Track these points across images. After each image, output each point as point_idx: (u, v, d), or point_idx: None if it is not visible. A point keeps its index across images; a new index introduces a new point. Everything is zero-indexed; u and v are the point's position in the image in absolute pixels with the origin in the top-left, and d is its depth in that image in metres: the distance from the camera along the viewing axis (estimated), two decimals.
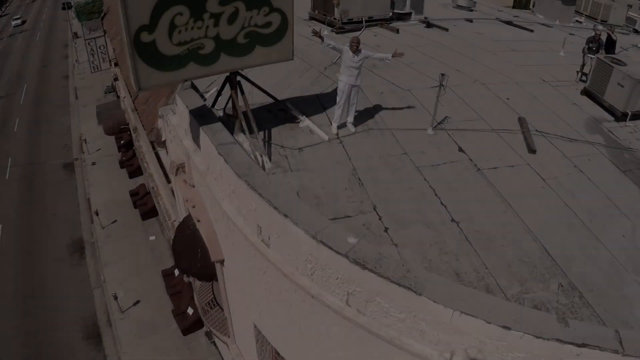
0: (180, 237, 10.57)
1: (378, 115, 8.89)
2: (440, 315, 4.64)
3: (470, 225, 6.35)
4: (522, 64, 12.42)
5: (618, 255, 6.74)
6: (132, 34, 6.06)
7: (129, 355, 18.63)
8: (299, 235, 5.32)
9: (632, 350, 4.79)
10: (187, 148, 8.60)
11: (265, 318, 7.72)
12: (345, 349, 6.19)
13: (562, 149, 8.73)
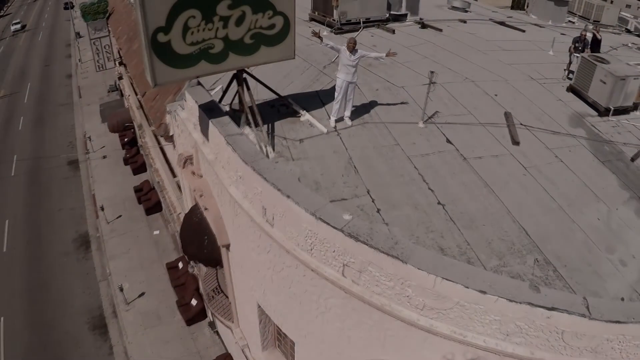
0: (188, 226, 11.25)
1: (373, 110, 9.59)
2: (424, 282, 5.33)
3: (454, 208, 7.04)
4: (511, 63, 13.11)
5: (592, 235, 7.43)
6: (149, 34, 6.72)
7: (135, 345, 19.34)
8: (300, 213, 6.01)
9: (598, 315, 5.47)
10: (196, 140, 9.29)
11: (269, 296, 8.40)
12: (341, 320, 6.88)
13: (545, 141, 9.42)
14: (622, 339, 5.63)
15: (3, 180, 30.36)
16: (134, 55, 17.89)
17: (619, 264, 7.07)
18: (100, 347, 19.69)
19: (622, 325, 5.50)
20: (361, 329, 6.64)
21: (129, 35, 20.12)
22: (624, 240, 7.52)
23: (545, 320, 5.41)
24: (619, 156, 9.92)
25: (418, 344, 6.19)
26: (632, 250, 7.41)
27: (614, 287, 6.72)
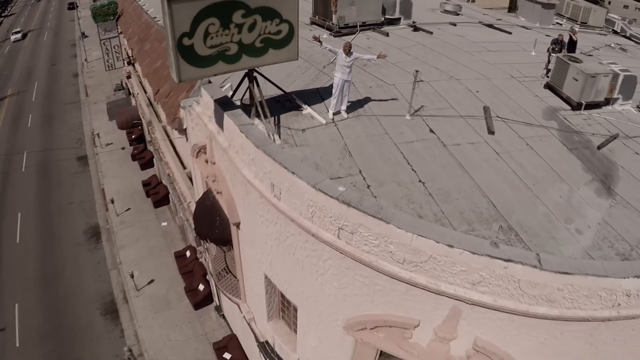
0: (201, 209, 12.62)
1: (366, 105, 10.96)
2: (403, 238, 6.68)
3: (433, 185, 8.40)
4: (495, 63, 14.48)
5: (553, 209, 8.76)
6: (176, 38, 8.07)
7: (145, 329, 20.74)
8: (303, 186, 7.37)
9: (548, 267, 6.81)
10: (210, 131, 10.65)
11: (275, 265, 9.76)
12: (337, 279, 8.23)
13: (518, 131, 10.78)
14: (570, 289, 6.95)
15: (14, 175, 31.79)
16: (146, 56, 19.25)
17: (575, 232, 8.41)
18: (112, 330, 21.06)
19: (569, 276, 6.81)
20: (354, 286, 8.00)
21: (139, 36, 21.49)
22: (582, 214, 8.86)
23: (503, 270, 6.74)
24: (586, 145, 11.26)
25: (401, 296, 7.55)
26: (588, 222, 8.75)
27: (568, 250, 8.05)
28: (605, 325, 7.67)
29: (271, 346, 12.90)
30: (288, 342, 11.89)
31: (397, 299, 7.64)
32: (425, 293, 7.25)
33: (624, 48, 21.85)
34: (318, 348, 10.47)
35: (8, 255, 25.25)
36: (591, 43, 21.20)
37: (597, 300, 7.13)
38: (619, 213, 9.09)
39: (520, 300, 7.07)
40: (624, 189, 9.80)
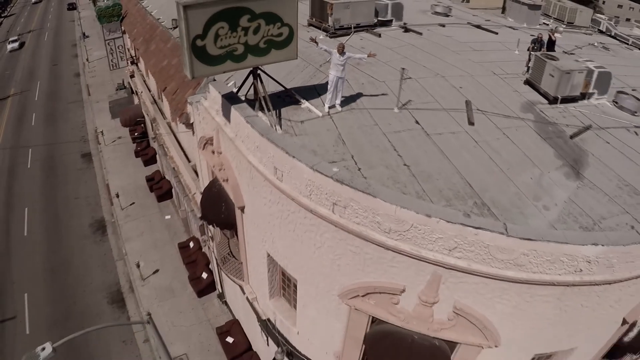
0: (207, 196, 13.79)
1: (359, 99, 12.16)
2: (388, 210, 7.87)
3: (416, 168, 9.59)
4: (479, 61, 15.69)
5: (523, 189, 9.96)
6: (190, 40, 9.24)
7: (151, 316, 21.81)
8: (302, 168, 8.56)
9: (513, 234, 7.96)
10: (218, 123, 11.82)
11: (277, 243, 10.95)
12: (332, 251, 9.41)
13: (497, 123, 11.99)
14: (535, 254, 8.12)
15: (20, 171, 32.89)
16: (152, 55, 20.41)
17: (542, 208, 9.61)
18: (119, 317, 22.20)
19: (533, 242, 7.99)
20: (347, 256, 9.19)
21: (145, 37, 22.63)
22: (550, 194, 10.05)
23: (474, 236, 7.93)
24: (560, 134, 12.48)
25: (388, 263, 8.74)
26: (555, 201, 9.95)
27: (535, 223, 9.23)
28: (571, 290, 8.85)
29: (272, 323, 14.07)
30: (288, 318, 13.07)
31: (384, 266, 8.83)
32: (409, 260, 8.43)
33: (606, 47, 23.07)
34: (316, 320, 11.66)
35: (16, 247, 26.34)
36: (575, 42, 22.47)
37: (560, 265, 8.30)
38: (585, 194, 10.29)
39: (491, 264, 8.25)
40: (592, 173, 11.00)
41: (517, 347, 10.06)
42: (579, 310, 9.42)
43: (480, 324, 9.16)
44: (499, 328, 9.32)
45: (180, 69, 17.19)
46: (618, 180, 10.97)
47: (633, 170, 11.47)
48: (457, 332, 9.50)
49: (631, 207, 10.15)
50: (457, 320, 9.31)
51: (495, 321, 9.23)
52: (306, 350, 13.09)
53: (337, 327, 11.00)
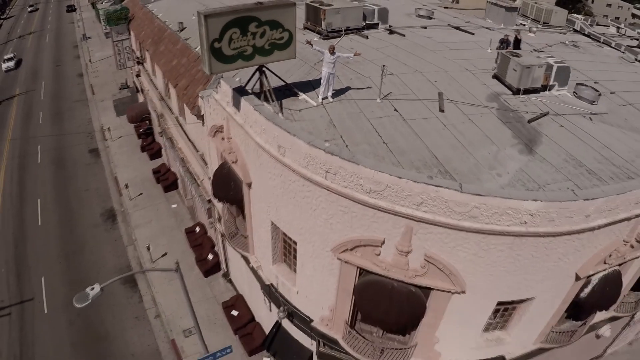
0: (218, 177, 16.14)
1: (347, 92, 14.57)
2: (366, 173, 10.27)
3: (393, 145, 11.99)
4: (454, 59, 18.11)
5: (481, 161, 12.32)
6: (209, 42, 11.59)
7: (161, 294, 24.22)
8: (301, 144, 10.95)
9: (467, 190, 10.33)
10: (228, 112, 14.20)
11: (279, 210, 13.32)
12: (326, 212, 11.79)
13: (464, 110, 14.40)
14: (485, 207, 10.49)
15: (30, 166, 35.11)
16: (162, 56, 22.73)
17: (495, 175, 11.97)
18: (131, 296, 24.50)
19: (482, 197, 10.36)
20: (337, 215, 11.57)
21: (153, 39, 24.95)
22: (504, 165, 12.41)
23: (436, 193, 10.31)
24: (519, 120, 14.86)
25: (370, 219, 11.13)
26: (507, 170, 12.31)
27: (488, 186, 11.60)
28: (520, 240, 11.18)
29: (275, 287, 16.46)
30: (289, 280, 15.46)
31: (367, 222, 11.22)
32: (386, 215, 10.83)
33: (576, 45, 25.57)
34: (313, 277, 14.05)
35: (31, 236, 28.54)
36: (548, 41, 24.92)
37: (507, 217, 10.66)
38: (535, 165, 12.65)
39: (450, 216, 10.63)
40: (543, 150, 13.36)
41: (481, 294, 12.41)
42: (531, 260, 11.76)
43: (447, 270, 11.55)
44: (463, 274, 11.71)
45: (189, 67, 19.60)
46: (566, 155, 13.34)
47: (581, 148, 13.84)
48: (429, 279, 11.89)
49: (574, 176, 12.50)
50: (428, 267, 11.70)
51: (459, 268, 11.62)
52: (305, 308, 15.45)
53: (331, 281, 13.38)
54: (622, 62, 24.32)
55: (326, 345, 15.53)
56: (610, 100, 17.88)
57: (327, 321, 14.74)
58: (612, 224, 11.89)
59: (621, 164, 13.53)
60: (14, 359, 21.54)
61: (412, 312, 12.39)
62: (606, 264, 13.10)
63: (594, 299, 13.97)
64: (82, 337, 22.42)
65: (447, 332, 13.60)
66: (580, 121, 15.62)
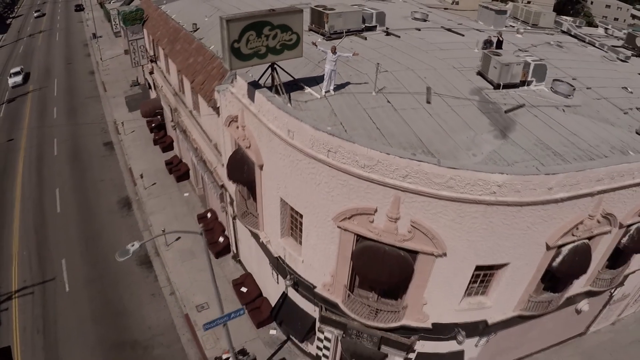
0: (233, 161, 18.56)
1: (347, 86, 17.01)
2: (361, 151, 12.70)
3: (385, 130, 14.41)
4: (443, 58, 20.52)
5: (460, 144, 14.70)
6: (230, 43, 14.01)
7: (175, 273, 26.65)
8: (307, 128, 13.40)
9: (444, 165, 12.73)
10: (243, 104, 16.63)
11: (288, 187, 15.75)
12: (327, 186, 14.21)
13: (448, 102, 16.81)
14: (459, 178, 12.87)
15: (48, 158, 37.63)
16: (178, 54, 25.19)
17: (471, 155, 14.35)
18: (147, 276, 26.92)
19: (456, 170, 12.73)
20: (337, 188, 13.98)
21: (169, 38, 27.42)
22: (479, 147, 14.79)
23: (418, 167, 12.71)
24: (497, 110, 17.24)
25: (364, 190, 13.54)
26: (482, 151, 14.68)
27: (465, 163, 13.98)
28: (491, 208, 13.50)
29: (282, 259, 18.85)
30: (295, 250, 17.86)
31: (362, 193, 13.62)
32: (378, 186, 13.22)
33: (560, 45, 27.95)
34: (316, 245, 16.45)
35: (51, 222, 30.99)
36: (534, 41, 27.31)
37: (478, 187, 13.02)
38: (507, 148, 15.00)
39: (431, 187, 13.01)
40: (516, 135, 15.70)
41: (461, 258, 14.73)
42: (502, 227, 14.06)
43: (430, 234, 13.92)
44: (443, 238, 14.06)
45: (205, 65, 22.06)
46: (536, 140, 15.68)
47: (551, 135, 16.17)
48: (415, 243, 14.25)
49: (540, 156, 14.82)
50: (414, 232, 14.06)
51: (440, 233, 13.98)
52: (309, 276, 17.85)
53: (332, 249, 15.78)
54: (604, 61, 26.68)
55: (328, 310, 17.93)
56: (585, 95, 20.24)
57: (329, 287, 17.13)
58: (575, 198, 14.10)
59: (586, 148, 15.87)
60: (38, 333, 23.76)
61: (402, 273, 14.78)
62: (574, 236, 15.33)
63: (565, 268, 16.14)
64: (102, 313, 24.68)
65: (434, 295, 15.95)
66: (553, 112, 17.97)
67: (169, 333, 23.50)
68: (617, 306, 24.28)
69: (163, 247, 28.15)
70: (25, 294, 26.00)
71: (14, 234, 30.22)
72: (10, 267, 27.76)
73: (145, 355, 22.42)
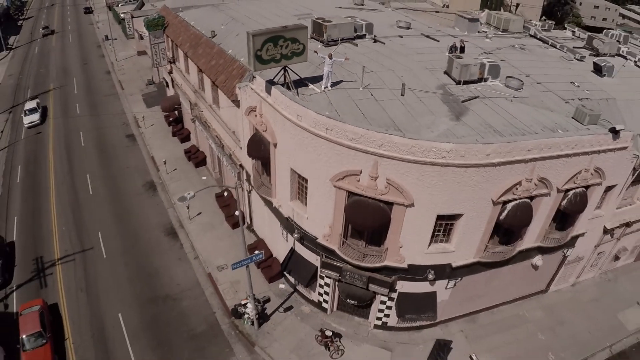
0: (252, 142, 24.71)
1: (340, 84, 23.23)
2: (349, 128, 18.89)
3: (368, 115, 20.57)
4: (419, 60, 26.72)
5: (423, 124, 20.80)
6: (254, 51, 20.16)
7: (198, 242, 32.78)
8: (311, 113, 19.61)
9: (408, 137, 18.93)
10: (262, 97, 22.81)
11: (296, 159, 21.94)
12: (326, 155, 20.40)
13: (418, 94, 22.98)
14: (418, 146, 19.01)
15: (75, 149, 43.76)
16: (201, 57, 31.35)
17: (430, 132, 20.48)
18: (174, 244, 33.02)
19: (416, 140, 18.93)
20: (333, 157, 20.15)
21: (191, 43, 33.58)
22: (437, 126, 20.89)
23: (390, 138, 18.88)
24: (456, 101, 23.39)
25: (352, 157, 19.73)
26: (438, 129, 20.78)
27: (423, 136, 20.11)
28: (444, 169, 19.65)
29: (291, 219, 24.98)
30: (301, 210, 24.00)
31: (351, 159, 19.77)
32: (362, 154, 19.37)
33: (523, 47, 34.09)
34: (318, 203, 22.60)
35: (85, 202, 36.98)
36: (501, 45, 33.48)
37: (432, 153, 19.17)
38: (458, 127, 21.07)
39: (399, 153, 19.18)
40: (467, 119, 21.79)
41: (425, 208, 20.86)
42: (454, 184, 20.15)
43: (401, 188, 20.04)
44: (411, 192, 20.19)
45: (226, 66, 28.22)
46: (482, 121, 21.76)
47: (495, 118, 22.21)
48: (390, 195, 20.36)
49: (483, 133, 20.85)
50: (389, 188, 20.19)
51: (408, 188, 20.10)
52: (312, 230, 23.95)
53: (330, 205, 21.90)
54: (560, 60, 32.88)
55: (327, 257, 24.04)
56: (534, 88, 26.29)
57: (327, 237, 23.22)
58: (510, 164, 20.08)
59: (522, 127, 21.81)
60: (81, 291, 29.55)
61: (382, 219, 20.84)
62: (515, 194, 21.40)
63: (509, 220, 22.13)
64: (136, 274, 30.54)
65: (407, 239, 22.01)
66: (502, 102, 24.04)
67: (194, 288, 29.44)
68: (574, 267, 30.00)
69: (186, 220, 34.24)
70: (67, 261, 31.77)
71: (52, 213, 36.08)
72: (52, 240, 33.61)
73: (176, 305, 28.36)
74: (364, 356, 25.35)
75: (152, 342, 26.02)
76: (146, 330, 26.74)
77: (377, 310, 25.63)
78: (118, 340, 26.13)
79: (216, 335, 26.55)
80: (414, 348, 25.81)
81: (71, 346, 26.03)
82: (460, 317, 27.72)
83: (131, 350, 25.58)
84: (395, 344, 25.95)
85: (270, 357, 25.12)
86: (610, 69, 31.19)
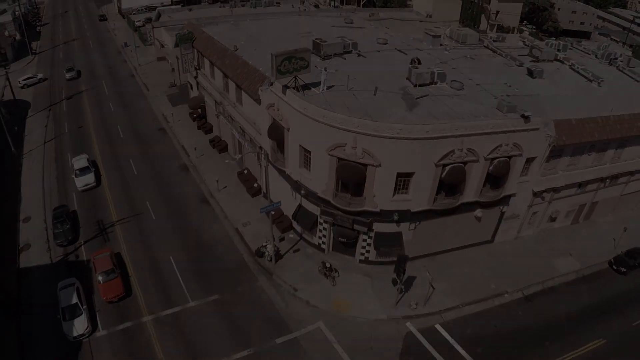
0: (271, 129, 38.31)
1: (333, 87, 36.87)
2: (337, 117, 32.57)
3: (351, 107, 34.15)
4: (389, 70, 40.48)
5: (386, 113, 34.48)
6: (276, 66, 33.77)
7: (225, 206, 46.38)
8: (313, 107, 33.30)
9: (375, 120, 32.82)
10: (279, 96, 36.48)
11: (303, 137, 35.56)
12: (323, 133, 34.03)
13: (386, 94, 36.65)
14: (381, 126, 32.71)
15: (116, 140, 57.18)
16: (228, 66, 44.94)
17: (390, 118, 34.17)
18: (206, 209, 46.43)
19: (379, 123, 32.63)
20: (329, 136, 33.76)
21: (218, 54, 47.21)
22: (395, 115, 34.50)
23: (364, 122, 32.52)
24: (412, 98, 37.10)
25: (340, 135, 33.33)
26: (397, 116, 34.39)
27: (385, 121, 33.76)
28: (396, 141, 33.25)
29: (299, 181, 38.58)
30: (306, 173, 37.64)
31: (338, 136, 33.35)
32: (346, 132, 32.94)
33: (473, 57, 47.94)
34: (318, 168, 36.26)
35: (132, 179, 50.17)
36: (457, 56, 47.35)
37: (390, 130, 32.86)
38: (410, 115, 34.65)
39: (369, 131, 32.85)
40: (417, 110, 35.35)
41: (388, 168, 34.50)
42: (405, 151, 33.70)
43: (372, 154, 33.68)
44: (378, 157, 33.80)
45: (249, 74, 41.97)
46: (427, 112, 35.37)
47: (437, 109, 35.85)
48: (365, 159, 33.97)
49: (427, 119, 34.51)
50: (364, 154, 33.81)
51: (376, 154, 33.69)
52: (314, 187, 37.47)
53: (326, 167, 35.50)
54: (502, 66, 46.74)
55: (324, 206, 37.58)
56: (473, 88, 40.09)
57: (324, 191, 36.75)
58: (444, 138, 33.72)
59: (456, 115, 35.48)
60: (139, 242, 42.48)
61: (360, 176, 34.40)
62: (450, 159, 35.06)
63: (448, 178, 35.83)
64: (180, 229, 43.65)
65: (378, 190, 35.54)
66: (445, 98, 37.77)
67: (225, 239, 42.67)
68: (513, 222, 43.07)
69: (215, 192, 47.69)
70: (124, 222, 44.58)
71: (105, 188, 49.18)
72: (108, 207, 46.62)
73: (213, 250, 41.53)
74: (352, 281, 38.51)
75: (197, 275, 38.76)
76: (192, 267, 39.64)
77: (361, 247, 39.04)
78: (171, 275, 38.73)
79: (244, 268, 39.71)
80: (387, 276, 39.13)
81: (135, 281, 38.47)
82: (422, 256, 40.76)
83: (182, 280, 38.00)
84: (374, 273, 39.04)
85: (284, 281, 38.51)
86: (540, 72, 44.92)
